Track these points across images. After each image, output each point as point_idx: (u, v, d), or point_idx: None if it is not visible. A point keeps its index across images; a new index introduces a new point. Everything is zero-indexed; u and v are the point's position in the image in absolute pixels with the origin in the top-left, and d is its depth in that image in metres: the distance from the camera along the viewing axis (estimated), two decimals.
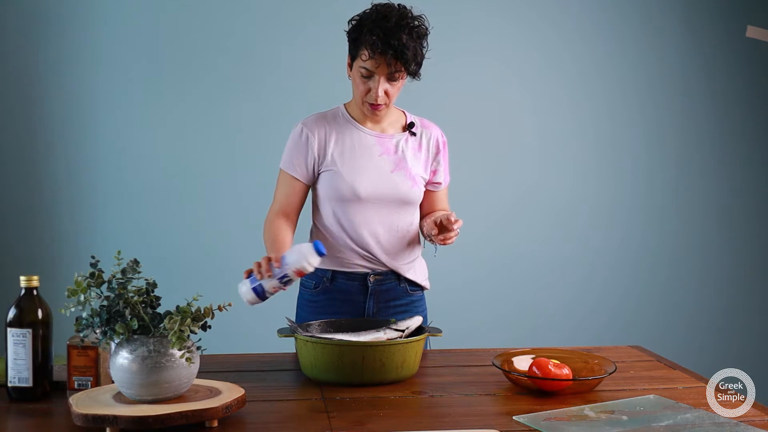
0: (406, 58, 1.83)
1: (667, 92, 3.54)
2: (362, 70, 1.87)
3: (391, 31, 1.81)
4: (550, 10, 3.45)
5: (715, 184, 3.59)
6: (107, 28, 3.19)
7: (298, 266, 1.66)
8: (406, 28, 1.83)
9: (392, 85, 1.89)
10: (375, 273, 2.00)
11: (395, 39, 1.81)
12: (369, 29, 1.83)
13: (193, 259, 3.25)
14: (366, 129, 1.99)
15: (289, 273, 1.66)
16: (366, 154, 1.96)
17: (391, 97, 1.91)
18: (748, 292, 3.64)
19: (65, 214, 3.21)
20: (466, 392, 1.63)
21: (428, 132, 2.04)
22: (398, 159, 1.97)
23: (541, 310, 3.49)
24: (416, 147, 2.01)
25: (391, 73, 1.85)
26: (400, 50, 1.81)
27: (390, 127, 2.01)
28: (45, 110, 3.18)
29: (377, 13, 1.86)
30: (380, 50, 1.82)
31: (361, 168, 1.95)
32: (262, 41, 3.24)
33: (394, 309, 2.02)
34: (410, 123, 2.02)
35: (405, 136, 2.01)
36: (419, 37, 1.86)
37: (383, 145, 1.98)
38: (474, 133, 3.39)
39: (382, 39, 1.81)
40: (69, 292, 1.37)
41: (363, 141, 1.98)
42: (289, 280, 1.68)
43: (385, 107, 1.92)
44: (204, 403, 1.39)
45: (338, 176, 1.95)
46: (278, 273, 1.66)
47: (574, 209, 3.51)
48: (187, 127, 3.25)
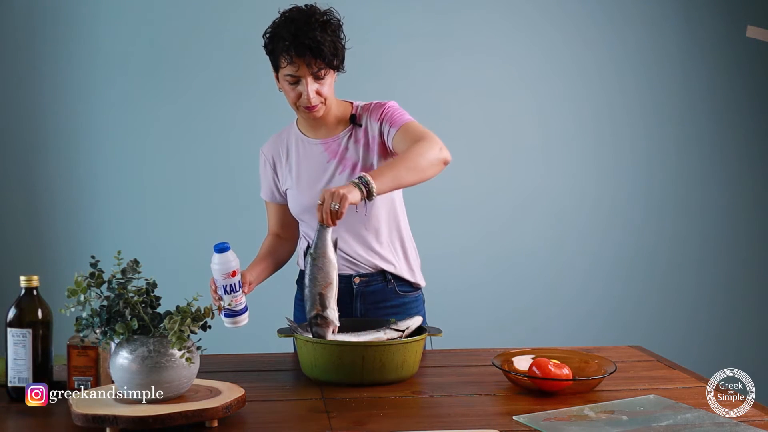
0: (324, 53, 1.80)
1: (668, 92, 3.54)
2: (288, 78, 1.86)
3: (302, 32, 1.80)
4: (550, 10, 3.45)
5: (715, 184, 3.59)
6: (107, 28, 3.19)
7: (221, 273, 1.76)
8: (316, 24, 1.81)
9: (321, 84, 1.86)
10: (360, 275, 1.99)
11: (307, 38, 1.79)
12: (281, 36, 1.83)
13: (193, 259, 3.24)
14: (312, 140, 1.98)
15: (223, 282, 1.75)
16: (314, 166, 1.96)
17: (324, 95, 1.87)
18: (747, 292, 3.64)
19: (65, 214, 3.21)
20: (466, 392, 1.63)
21: (367, 112, 1.96)
22: (346, 159, 1.94)
23: (542, 310, 3.49)
24: (360, 135, 1.95)
25: (315, 72, 1.83)
26: (315, 48, 1.79)
27: (336, 126, 1.97)
28: (45, 110, 3.18)
29: (285, 18, 1.85)
30: (296, 53, 1.81)
31: (311, 181, 1.95)
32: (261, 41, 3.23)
33: (384, 311, 2.00)
34: (351, 116, 1.96)
35: (350, 130, 1.96)
36: (333, 30, 1.84)
37: (329, 149, 1.96)
38: (474, 133, 3.38)
39: (295, 42, 1.80)
40: (69, 292, 1.37)
41: (310, 152, 1.97)
42: (233, 286, 1.76)
43: (322, 106, 1.89)
44: (204, 403, 1.39)
45: (293, 193, 1.98)
46: (221, 290, 1.76)
47: (575, 209, 3.51)
48: (188, 127, 3.25)
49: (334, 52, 1.83)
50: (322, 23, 1.83)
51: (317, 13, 1.85)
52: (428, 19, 3.36)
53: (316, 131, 1.98)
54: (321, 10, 1.86)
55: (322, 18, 1.84)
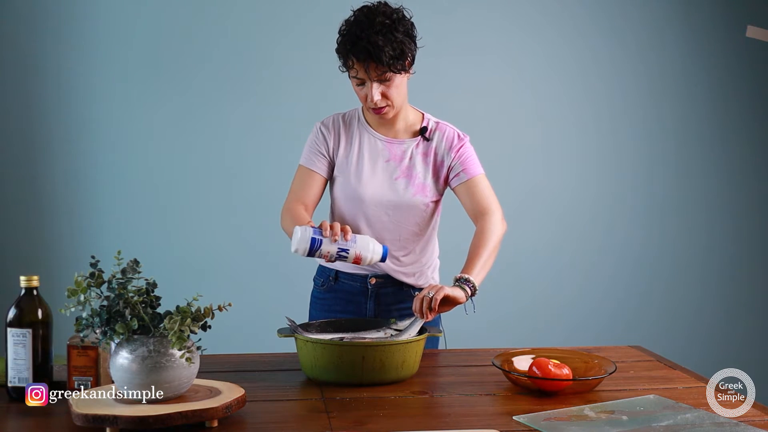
0: (382, 58, 1.78)
1: (668, 92, 3.54)
2: (354, 79, 1.86)
3: (362, 36, 1.78)
4: (550, 10, 3.44)
5: (716, 184, 3.59)
6: (107, 28, 3.19)
7: (362, 252, 1.71)
8: (378, 26, 1.79)
9: (387, 86, 1.84)
10: (376, 275, 2.00)
11: (367, 42, 1.77)
12: (345, 39, 1.82)
13: (193, 259, 3.25)
14: (377, 134, 1.97)
15: (351, 252, 1.70)
16: (372, 160, 1.96)
17: (391, 98, 1.86)
18: (748, 292, 3.64)
19: (65, 214, 3.21)
20: (466, 392, 1.63)
21: (441, 133, 1.98)
22: (405, 166, 1.95)
23: (542, 310, 3.49)
24: (428, 152, 1.97)
25: (379, 75, 1.82)
26: (374, 53, 1.77)
27: (404, 132, 1.98)
28: (44, 110, 3.18)
29: (352, 21, 1.83)
30: (357, 57, 1.80)
31: (366, 173, 1.94)
32: (261, 41, 3.23)
33: (398, 312, 2.01)
34: (422, 128, 1.98)
35: (417, 141, 1.97)
36: (394, 32, 1.80)
37: (391, 150, 1.96)
38: (474, 133, 3.36)
39: (355, 46, 1.79)
40: (69, 292, 1.37)
41: (372, 146, 1.97)
42: (345, 258, 1.71)
43: (390, 108, 1.88)
44: (204, 403, 1.39)
45: (345, 180, 1.96)
46: (343, 244, 1.70)
47: (575, 209, 3.51)
48: (188, 127, 3.25)
49: (397, 55, 1.80)
50: (386, 25, 1.79)
51: (383, 14, 1.81)
52: (428, 19, 3.35)
53: (382, 128, 1.98)
54: (389, 10, 1.83)
55: (386, 19, 1.80)
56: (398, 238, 1.97)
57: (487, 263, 1.88)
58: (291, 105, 3.23)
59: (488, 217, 1.92)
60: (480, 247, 1.86)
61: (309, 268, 2.15)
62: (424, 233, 2.01)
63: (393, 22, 1.81)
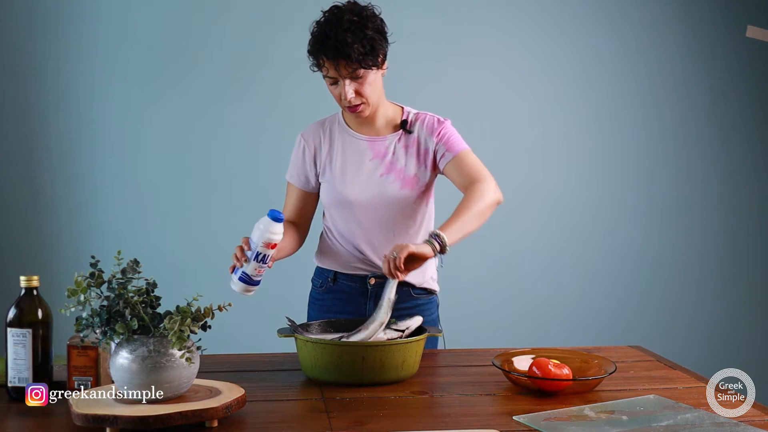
0: (351, 54, 1.77)
1: (668, 92, 3.54)
2: (327, 79, 1.86)
3: (331, 35, 1.79)
4: (550, 10, 3.44)
5: (716, 184, 3.59)
6: (106, 28, 3.19)
7: (263, 240, 1.74)
8: (346, 24, 1.79)
9: (360, 84, 1.84)
10: (375, 275, 2.00)
11: (335, 40, 1.78)
12: (314, 38, 1.83)
13: (193, 259, 3.25)
14: (358, 134, 1.98)
15: (260, 249, 1.74)
16: (356, 160, 1.96)
17: (366, 95, 1.85)
18: (748, 292, 3.64)
19: (65, 214, 3.21)
20: (466, 392, 1.63)
21: (421, 122, 1.97)
22: (388, 161, 1.95)
23: (542, 310, 3.49)
24: (410, 143, 1.96)
25: (350, 72, 1.81)
26: (343, 50, 1.77)
27: (386, 128, 1.98)
28: (44, 110, 3.18)
29: (321, 21, 1.84)
30: (327, 56, 1.80)
31: (351, 174, 1.95)
32: (261, 41, 3.23)
33: (397, 312, 2.00)
34: (403, 121, 1.97)
35: (399, 135, 1.97)
36: (363, 29, 1.80)
37: (374, 148, 1.96)
38: (474, 133, 3.37)
39: (324, 44, 1.79)
40: (69, 292, 1.37)
41: (354, 147, 1.97)
42: (265, 256, 1.75)
43: (365, 106, 1.88)
44: (204, 403, 1.39)
45: (330, 186, 1.97)
46: (251, 254, 1.75)
47: (575, 209, 3.51)
48: (187, 127, 3.25)
49: (367, 51, 1.80)
50: (355, 22, 1.79)
51: (350, 11, 1.82)
52: (428, 19, 3.36)
53: (362, 128, 1.98)
54: (357, 7, 1.83)
55: (355, 17, 1.80)
56: (392, 235, 1.96)
57: (467, 224, 1.80)
58: (291, 105, 3.23)
59: (477, 184, 1.87)
60: (462, 208, 1.81)
61: (309, 269, 2.15)
62: (418, 228, 2.00)
63: (362, 20, 1.81)
